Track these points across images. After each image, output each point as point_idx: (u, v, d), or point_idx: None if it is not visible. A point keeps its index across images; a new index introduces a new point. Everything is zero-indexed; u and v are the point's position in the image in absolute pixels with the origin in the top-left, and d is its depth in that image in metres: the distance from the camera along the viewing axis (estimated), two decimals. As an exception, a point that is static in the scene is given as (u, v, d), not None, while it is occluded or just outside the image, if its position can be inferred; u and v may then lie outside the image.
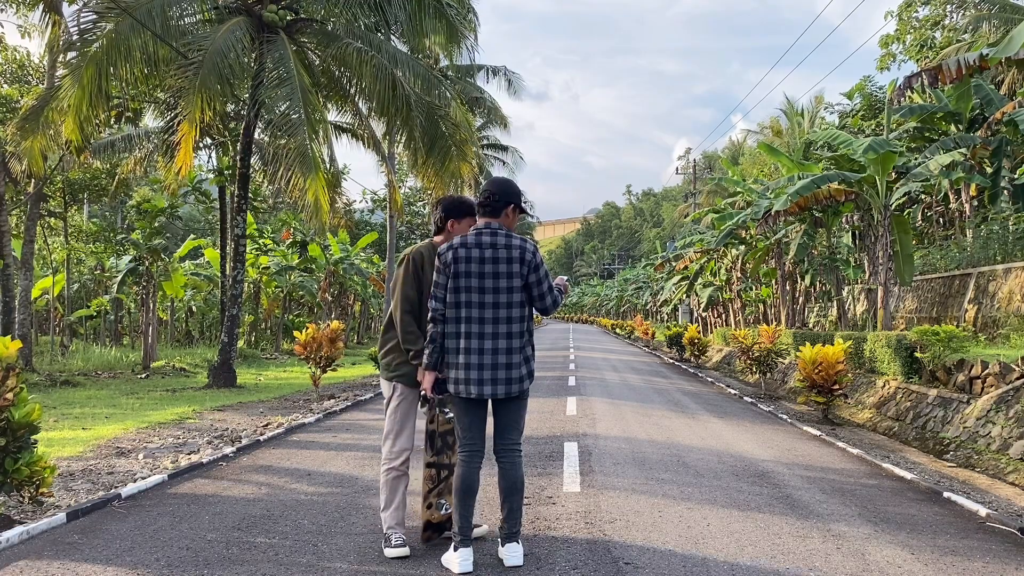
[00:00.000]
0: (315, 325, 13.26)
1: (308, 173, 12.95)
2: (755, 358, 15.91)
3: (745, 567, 4.45)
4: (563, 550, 4.70)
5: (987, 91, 16.40)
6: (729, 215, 23.88)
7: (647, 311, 63.07)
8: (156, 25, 12.85)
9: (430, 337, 4.37)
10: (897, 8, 28.97)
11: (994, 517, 5.71)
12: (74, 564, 4.43)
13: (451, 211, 4.74)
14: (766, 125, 51.59)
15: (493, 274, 4.30)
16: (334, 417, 10.88)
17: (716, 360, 24.87)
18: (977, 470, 7.90)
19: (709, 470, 7.25)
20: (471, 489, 4.35)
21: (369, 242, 35.54)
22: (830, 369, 11.13)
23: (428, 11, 14.91)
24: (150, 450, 8.12)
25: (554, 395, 13.48)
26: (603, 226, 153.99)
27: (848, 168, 15.70)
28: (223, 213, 21.17)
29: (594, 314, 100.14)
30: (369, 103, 15.71)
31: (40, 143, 13.66)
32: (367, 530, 5.12)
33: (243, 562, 4.46)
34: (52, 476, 5.41)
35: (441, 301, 4.35)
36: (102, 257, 26.00)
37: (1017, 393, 8.40)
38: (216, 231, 33.99)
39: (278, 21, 14.26)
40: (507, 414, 4.43)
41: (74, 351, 22.60)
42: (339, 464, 7.39)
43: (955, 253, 16.88)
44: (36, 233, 18.51)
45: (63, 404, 11.84)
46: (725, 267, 30.42)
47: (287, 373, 18.91)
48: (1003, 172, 15.70)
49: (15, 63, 19.17)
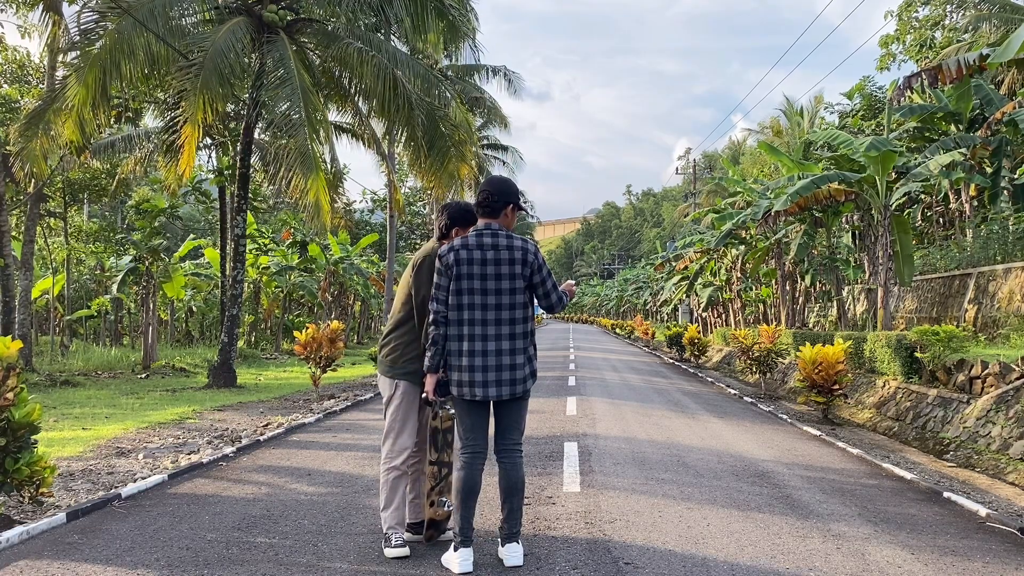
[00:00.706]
0: (315, 325, 13.26)
1: (309, 173, 12.95)
2: (755, 358, 15.91)
3: (745, 567, 4.45)
4: (563, 550, 4.70)
5: (987, 91, 16.40)
6: (729, 215, 23.87)
7: (647, 311, 63.07)
8: (158, 26, 12.86)
9: (432, 339, 4.35)
10: (897, 8, 28.99)
11: (994, 517, 5.71)
12: (74, 564, 4.43)
13: (457, 219, 4.70)
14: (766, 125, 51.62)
15: (495, 275, 4.30)
16: (334, 417, 10.88)
17: (716, 360, 24.87)
18: (977, 470, 7.90)
19: (709, 470, 7.25)
20: (473, 490, 4.35)
21: (369, 243, 35.54)
22: (830, 369, 11.13)
23: (429, 11, 14.91)
24: (150, 450, 8.12)
25: (554, 395, 13.48)
26: (603, 226, 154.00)
27: (848, 168, 15.70)
28: (223, 213, 21.17)
29: (594, 314, 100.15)
30: (369, 103, 15.71)
31: (42, 144, 13.66)
32: (367, 530, 5.12)
33: (243, 562, 4.46)
34: (52, 476, 5.41)
35: (443, 303, 4.34)
36: (102, 257, 26.02)
37: (1017, 393, 8.40)
38: (216, 231, 34.01)
39: (278, 21, 14.26)
40: (509, 414, 4.43)
41: (74, 351, 22.61)
42: (339, 464, 7.39)
43: (955, 253, 16.88)
44: (36, 233, 18.51)
45: (63, 404, 11.84)
46: (725, 267, 30.42)
47: (287, 373, 18.91)
48: (1003, 172, 15.70)
49: (15, 63, 19.18)
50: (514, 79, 29.63)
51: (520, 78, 29.89)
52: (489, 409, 4.45)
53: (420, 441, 4.78)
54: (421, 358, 4.53)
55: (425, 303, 4.59)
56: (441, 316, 4.34)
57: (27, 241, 17.23)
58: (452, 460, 4.61)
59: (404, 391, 4.70)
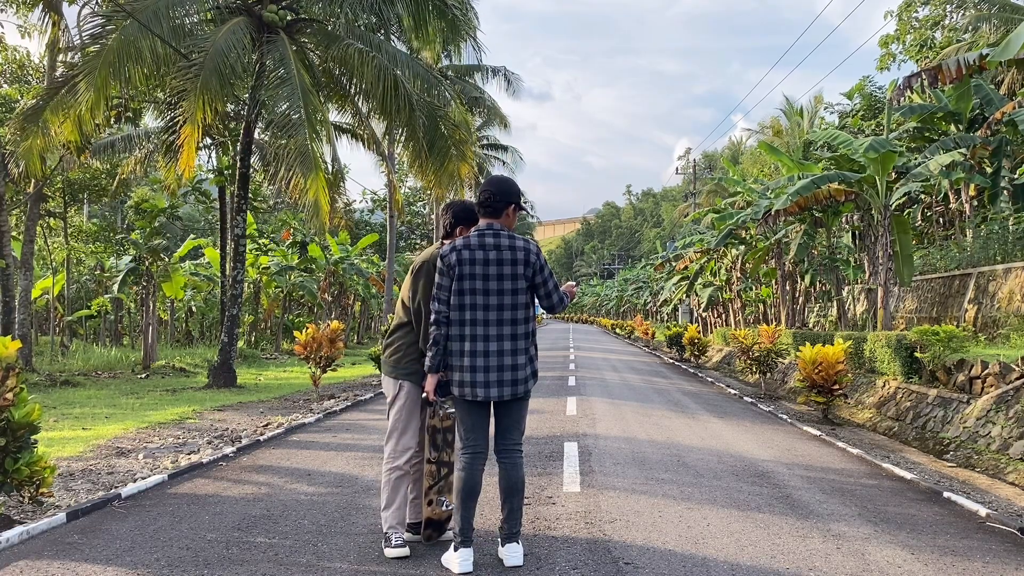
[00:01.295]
0: (315, 325, 13.26)
1: (309, 173, 12.94)
2: (755, 358, 15.91)
3: (745, 567, 4.45)
4: (563, 550, 4.70)
5: (987, 91, 16.40)
6: (729, 215, 23.87)
7: (647, 311, 63.07)
8: (162, 27, 12.85)
9: (432, 339, 4.34)
10: (897, 8, 28.99)
11: (994, 517, 5.71)
12: (74, 564, 4.43)
13: (461, 218, 4.70)
14: (766, 125, 51.64)
15: (497, 275, 4.29)
16: (334, 417, 10.88)
17: (716, 360, 24.87)
18: (977, 470, 7.90)
19: (709, 470, 7.25)
20: (474, 491, 4.35)
21: (369, 243, 35.54)
22: (830, 369, 11.13)
23: (429, 11, 14.91)
24: (150, 450, 8.12)
25: (554, 395, 13.48)
26: (603, 226, 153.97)
27: (848, 168, 15.70)
28: (223, 213, 21.17)
29: (594, 314, 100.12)
30: (369, 103, 15.71)
31: (39, 143, 13.65)
32: (367, 530, 5.12)
33: (243, 562, 4.46)
34: (52, 476, 5.41)
35: (444, 303, 4.33)
36: (102, 257, 26.00)
37: (1017, 393, 8.40)
38: (216, 231, 34.01)
39: (278, 21, 14.26)
40: (509, 415, 4.43)
41: (74, 351, 22.61)
42: (339, 464, 7.39)
43: (955, 253, 16.88)
44: (36, 233, 18.50)
45: (63, 404, 11.84)
46: (725, 267, 30.42)
47: (287, 373, 18.90)
48: (1003, 172, 15.70)
49: (15, 63, 19.18)
50: (513, 80, 29.65)
51: (519, 79, 29.92)
52: (490, 409, 4.44)
53: (423, 441, 4.78)
54: (423, 359, 4.54)
55: (421, 307, 4.60)
56: (443, 316, 4.32)
57: (27, 241, 17.22)
58: (452, 460, 4.61)
59: (408, 391, 4.70)
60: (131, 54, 12.54)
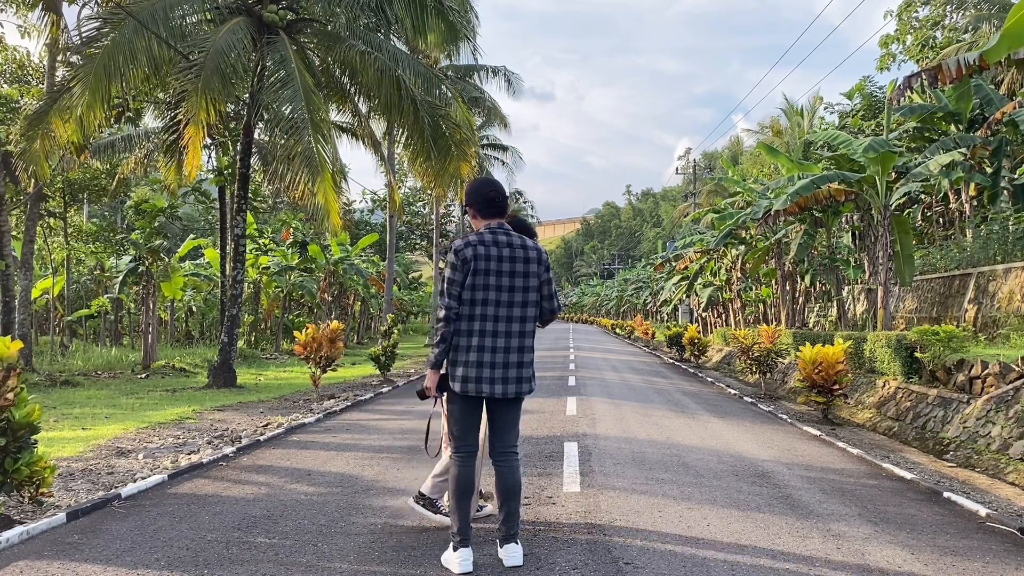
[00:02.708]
0: (315, 325, 13.26)
1: (316, 175, 12.94)
2: (755, 358, 15.91)
3: (745, 567, 4.45)
4: (563, 550, 4.70)
5: (987, 91, 16.41)
6: (729, 215, 23.88)
7: (647, 311, 63.05)
8: (159, 28, 12.84)
9: (441, 336, 4.30)
10: (897, 8, 29.01)
11: (994, 517, 5.71)
12: (74, 564, 4.43)
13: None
14: (766, 125, 51.61)
15: (510, 273, 4.32)
16: (334, 417, 10.88)
17: (716, 360, 24.87)
18: (977, 470, 7.90)
19: (709, 470, 7.25)
20: (469, 489, 4.35)
21: (369, 243, 35.55)
22: (830, 369, 11.13)
23: (429, 11, 14.90)
24: (150, 450, 8.12)
25: (554, 395, 13.47)
26: (603, 226, 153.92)
27: (848, 168, 15.70)
28: (223, 213, 21.17)
29: (594, 314, 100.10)
30: (371, 103, 15.71)
31: (44, 145, 13.65)
32: (367, 530, 5.12)
33: (243, 562, 4.46)
34: (52, 476, 5.41)
35: (456, 299, 4.30)
36: (102, 257, 26.01)
37: (1017, 393, 8.40)
38: (216, 231, 34.00)
39: (278, 21, 14.25)
40: (506, 415, 4.42)
41: (74, 351, 22.61)
42: (339, 464, 7.39)
43: (955, 253, 16.88)
44: (36, 233, 18.50)
45: (63, 404, 11.84)
46: (725, 267, 30.42)
47: (287, 373, 18.90)
48: (1003, 172, 15.70)
49: (15, 63, 19.17)
50: (513, 80, 29.68)
51: (520, 79, 29.95)
52: (483, 408, 4.45)
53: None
54: None
55: None
56: (453, 313, 4.29)
57: (27, 241, 17.22)
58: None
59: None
60: (127, 55, 12.53)
